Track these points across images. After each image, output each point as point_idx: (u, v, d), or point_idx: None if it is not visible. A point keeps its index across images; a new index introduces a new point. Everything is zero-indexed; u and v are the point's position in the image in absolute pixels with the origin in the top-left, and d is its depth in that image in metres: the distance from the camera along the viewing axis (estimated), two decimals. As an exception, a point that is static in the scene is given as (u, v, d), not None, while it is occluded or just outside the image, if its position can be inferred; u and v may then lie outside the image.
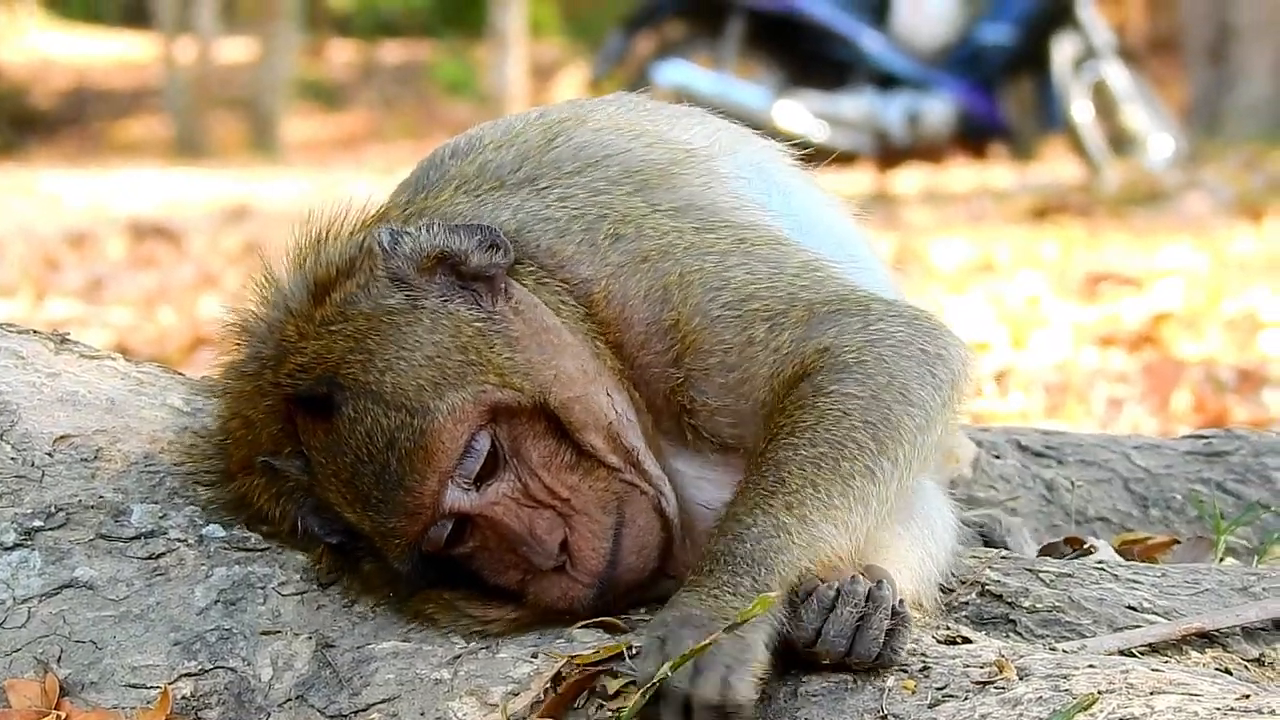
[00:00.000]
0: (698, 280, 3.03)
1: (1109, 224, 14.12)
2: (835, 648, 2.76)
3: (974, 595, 3.19)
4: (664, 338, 3.03)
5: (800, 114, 16.80)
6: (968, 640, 2.89)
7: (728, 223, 3.12)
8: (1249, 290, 10.06)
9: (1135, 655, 3.01)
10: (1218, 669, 3.04)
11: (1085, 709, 2.59)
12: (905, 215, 15.27)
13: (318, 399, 2.95)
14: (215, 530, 3.18)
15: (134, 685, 3.03)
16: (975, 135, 17.81)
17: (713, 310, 3.01)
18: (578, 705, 2.86)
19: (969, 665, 2.78)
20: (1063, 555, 3.57)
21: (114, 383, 3.46)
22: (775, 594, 2.74)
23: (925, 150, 17.84)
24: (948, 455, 3.71)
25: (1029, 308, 9.84)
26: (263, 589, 3.11)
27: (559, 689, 2.86)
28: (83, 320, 10.30)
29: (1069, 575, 3.25)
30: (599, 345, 3.03)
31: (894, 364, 2.93)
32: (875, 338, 2.95)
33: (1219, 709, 2.57)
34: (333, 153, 30.15)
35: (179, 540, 3.17)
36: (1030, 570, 3.27)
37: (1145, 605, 3.19)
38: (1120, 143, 17.82)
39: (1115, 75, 17.68)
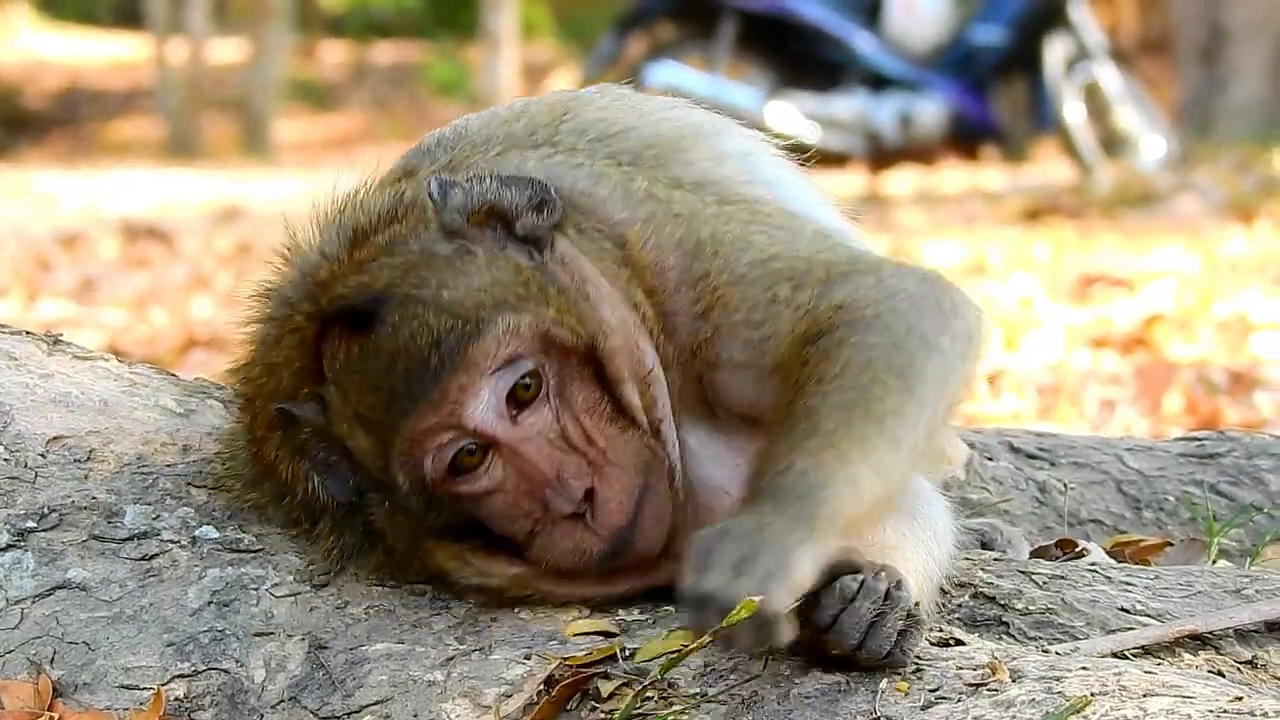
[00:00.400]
0: (726, 239, 3.07)
1: (1101, 225, 14.12)
2: (848, 639, 2.75)
3: (967, 597, 3.20)
4: (694, 287, 3.06)
5: (792, 115, 16.80)
6: (961, 642, 2.89)
7: (742, 196, 3.16)
8: (1241, 292, 10.07)
9: (1128, 657, 3.01)
10: (1210, 671, 3.05)
11: (1078, 711, 2.60)
12: (897, 217, 15.27)
13: (357, 313, 2.92)
14: (208, 531, 3.18)
15: (127, 686, 3.03)
16: (967, 136, 17.81)
17: (739, 269, 3.05)
18: (571, 707, 2.85)
19: (962, 667, 2.79)
20: (1055, 558, 3.58)
21: (107, 384, 3.46)
22: (765, 597, 2.70)
23: (917, 151, 17.84)
24: (941, 457, 3.71)
25: (1021, 309, 9.85)
26: (256, 590, 3.11)
27: (552, 691, 2.85)
28: (75, 321, 10.30)
29: (1062, 577, 3.25)
30: (637, 294, 3.05)
31: (911, 316, 2.96)
32: (891, 292, 2.98)
33: (1212, 711, 2.57)
34: (325, 153, 30.08)
35: (172, 541, 3.17)
36: (1023, 572, 3.27)
37: (1138, 607, 3.19)
38: (1112, 144, 17.81)
39: (1107, 77, 17.67)
